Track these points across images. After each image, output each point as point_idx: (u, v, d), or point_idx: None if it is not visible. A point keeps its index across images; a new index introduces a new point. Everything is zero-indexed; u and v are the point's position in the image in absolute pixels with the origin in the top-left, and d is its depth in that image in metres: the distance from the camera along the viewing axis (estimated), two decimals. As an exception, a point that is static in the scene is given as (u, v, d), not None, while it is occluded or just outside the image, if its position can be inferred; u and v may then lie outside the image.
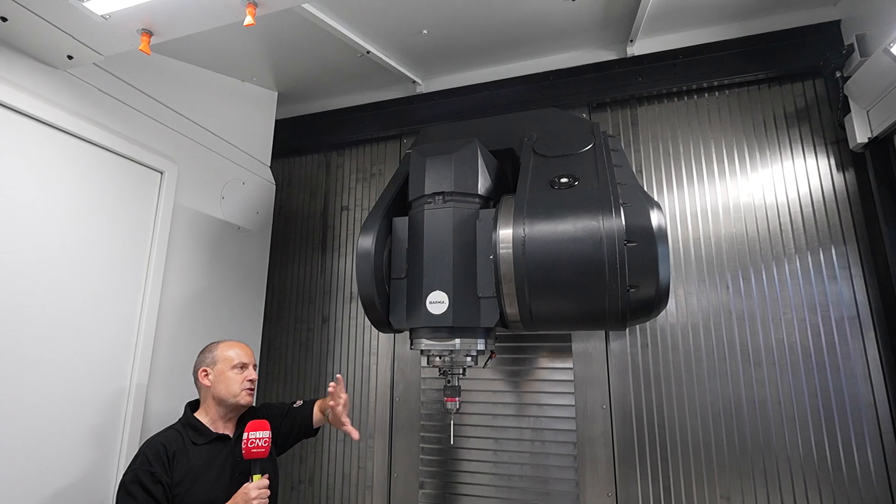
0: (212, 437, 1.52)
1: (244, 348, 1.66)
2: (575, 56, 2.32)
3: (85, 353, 1.54)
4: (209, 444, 1.51)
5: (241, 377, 1.59)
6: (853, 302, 1.82)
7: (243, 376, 1.59)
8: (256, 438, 1.43)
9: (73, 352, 1.51)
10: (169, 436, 1.49)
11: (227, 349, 1.62)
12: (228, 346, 1.64)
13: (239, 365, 1.60)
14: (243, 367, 1.61)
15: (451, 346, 1.48)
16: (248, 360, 1.63)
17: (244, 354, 1.63)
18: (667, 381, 1.97)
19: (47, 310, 1.44)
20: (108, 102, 1.63)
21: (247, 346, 1.68)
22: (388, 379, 2.35)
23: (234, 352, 1.62)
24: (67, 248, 1.50)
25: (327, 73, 2.38)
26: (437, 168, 1.58)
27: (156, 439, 1.47)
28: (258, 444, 1.43)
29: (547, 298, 1.38)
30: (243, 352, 1.64)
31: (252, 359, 1.66)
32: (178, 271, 1.85)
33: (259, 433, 1.44)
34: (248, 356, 1.64)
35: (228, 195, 2.12)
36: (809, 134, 2.00)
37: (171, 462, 1.43)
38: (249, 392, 1.60)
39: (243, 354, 1.63)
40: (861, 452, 1.72)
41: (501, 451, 2.07)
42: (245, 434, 1.43)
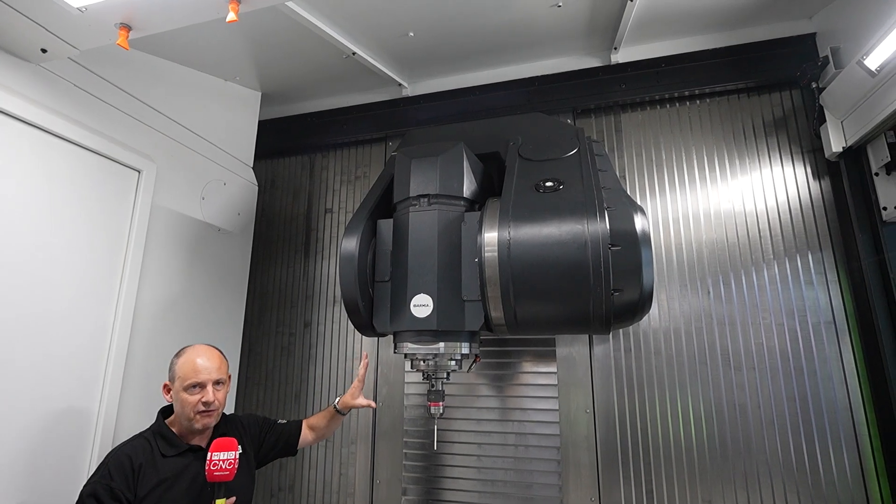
0: (183, 449, 1.41)
1: (206, 363, 1.44)
2: (560, 62, 2.34)
3: (54, 360, 1.47)
4: (180, 455, 1.40)
5: (195, 400, 1.39)
6: (829, 307, 1.86)
7: (197, 399, 1.40)
8: (220, 460, 1.30)
9: (42, 358, 1.44)
10: (137, 446, 1.37)
11: (187, 363, 1.42)
12: (190, 358, 1.43)
13: (192, 385, 1.40)
14: (199, 388, 1.41)
15: (435, 350, 1.47)
16: (205, 379, 1.41)
17: (202, 371, 1.42)
18: (649, 385, 1.98)
19: (14, 313, 1.37)
20: (84, 98, 1.58)
21: (212, 358, 1.46)
22: (370, 383, 2.31)
23: (192, 367, 1.41)
24: (38, 249, 1.44)
25: (312, 73, 2.35)
26: (423, 170, 1.57)
27: (122, 449, 1.36)
28: (221, 467, 1.30)
29: (532, 302, 1.38)
30: (204, 366, 1.43)
31: (215, 373, 1.44)
32: (156, 273, 1.79)
33: (223, 454, 1.31)
34: (207, 372, 1.42)
35: (209, 196, 2.07)
36: (787, 142, 2.05)
37: (136, 475, 1.31)
38: (205, 415, 1.41)
39: (201, 370, 1.41)
40: (837, 455, 1.75)
41: (485, 456, 2.06)
42: (209, 454, 1.32)
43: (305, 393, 2.42)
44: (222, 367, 1.49)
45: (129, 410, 1.68)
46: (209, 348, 1.50)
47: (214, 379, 1.44)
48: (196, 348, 1.47)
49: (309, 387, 2.42)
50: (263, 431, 1.66)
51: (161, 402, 1.49)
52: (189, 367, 1.41)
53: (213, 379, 1.44)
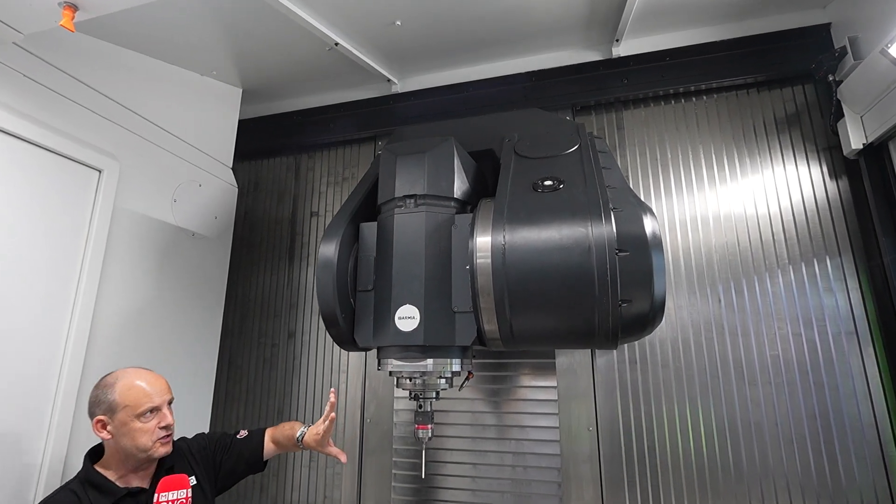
0: (120, 495, 1.22)
1: (153, 383, 1.30)
2: (558, 56, 2.21)
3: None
4: (118, 502, 1.21)
5: (153, 425, 1.25)
6: (850, 316, 1.72)
7: (155, 423, 1.25)
8: (169, 502, 1.18)
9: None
10: (60, 501, 1.17)
11: (129, 391, 1.24)
12: (130, 382, 1.26)
13: (147, 411, 1.25)
14: (154, 412, 1.27)
15: (422, 368, 1.32)
16: (159, 401, 1.28)
17: (153, 394, 1.27)
18: (656, 400, 1.84)
19: None
20: (35, 90, 1.44)
21: (157, 378, 1.32)
22: (358, 398, 2.17)
23: (139, 393, 1.25)
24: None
25: (295, 68, 2.21)
26: (409, 168, 1.43)
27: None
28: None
29: (529, 314, 1.24)
30: (152, 390, 1.28)
31: (165, 394, 1.31)
32: (119, 282, 1.64)
33: (173, 494, 1.19)
34: (159, 393, 1.29)
35: (182, 198, 1.92)
36: (801, 140, 1.92)
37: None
38: (165, 442, 1.28)
39: (152, 394, 1.27)
40: (863, 476, 1.61)
41: (480, 477, 1.91)
42: (155, 496, 1.18)
43: (289, 408, 2.27)
44: (169, 386, 1.35)
45: (82, 444, 1.47)
46: (146, 370, 1.34)
47: (168, 399, 1.33)
48: (132, 371, 1.31)
49: (293, 401, 2.27)
50: (218, 454, 1.48)
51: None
52: (138, 392, 1.25)
53: (167, 399, 1.32)
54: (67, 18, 1.11)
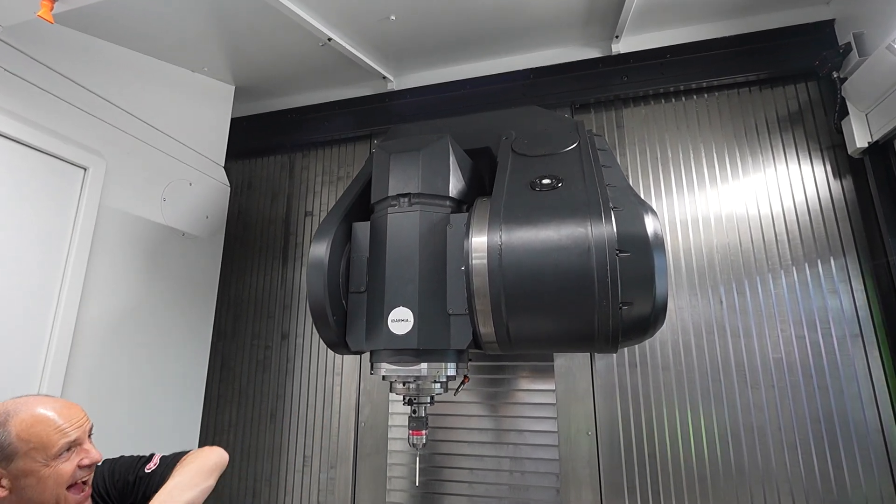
0: None
1: (65, 409, 1.01)
2: (557, 53, 2.17)
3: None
4: None
5: (72, 467, 0.97)
6: (855, 318, 1.69)
7: (76, 463, 0.98)
8: None
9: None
10: None
11: (37, 426, 0.95)
12: (36, 419, 0.95)
13: (66, 447, 0.97)
14: (72, 448, 0.99)
15: (416, 372, 1.28)
16: (79, 433, 1.00)
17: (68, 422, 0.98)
18: (657, 403, 1.80)
19: None
20: (17, 85, 1.39)
21: (70, 404, 1.03)
22: (352, 402, 2.12)
23: (52, 426, 0.96)
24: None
25: (288, 64, 2.17)
26: (403, 166, 1.38)
27: None
28: None
29: (527, 316, 1.20)
30: (67, 417, 0.99)
31: (85, 421, 1.04)
32: (105, 282, 1.59)
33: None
34: (78, 421, 1.01)
35: (171, 197, 1.87)
36: (804, 138, 1.88)
37: None
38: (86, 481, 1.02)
39: (67, 423, 0.98)
40: (869, 482, 1.57)
41: (477, 483, 1.87)
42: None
43: (282, 411, 2.22)
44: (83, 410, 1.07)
45: None
46: (49, 396, 1.07)
47: (87, 428, 1.05)
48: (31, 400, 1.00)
49: (286, 404, 2.23)
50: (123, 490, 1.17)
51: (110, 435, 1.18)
52: (48, 428, 0.96)
53: (87, 428, 1.05)
54: (46, 9, 1.07)
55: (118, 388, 1.55)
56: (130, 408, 1.63)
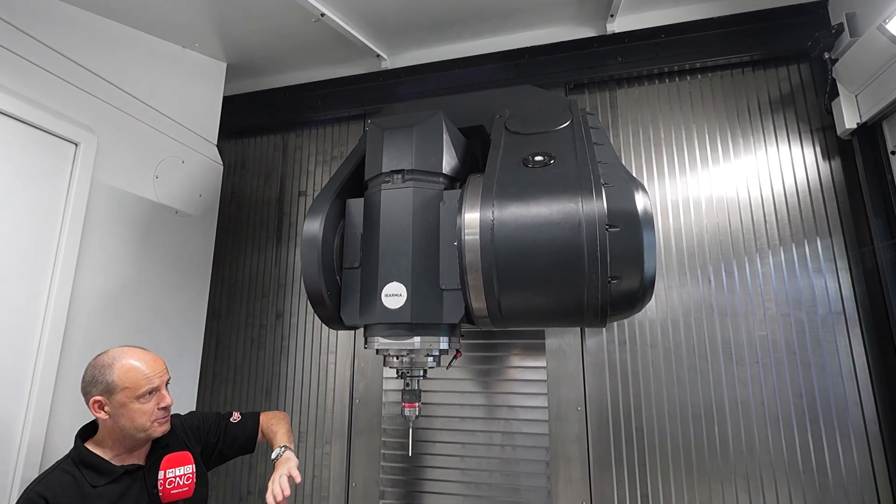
0: (118, 474, 1.22)
1: (151, 364, 1.27)
2: (551, 32, 2.16)
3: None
4: (114, 482, 1.20)
5: (151, 407, 1.24)
6: (839, 297, 1.73)
7: (153, 404, 1.25)
8: (176, 477, 1.20)
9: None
10: (53, 482, 1.15)
11: (129, 370, 1.23)
12: (128, 363, 1.24)
13: (147, 392, 1.24)
14: (153, 393, 1.25)
15: (409, 346, 1.30)
16: (158, 382, 1.27)
17: (152, 374, 1.26)
18: (645, 380, 1.84)
19: None
20: (6, 58, 1.37)
21: (154, 358, 1.30)
22: (347, 379, 2.15)
23: (138, 375, 1.23)
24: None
25: (282, 42, 2.14)
26: (397, 143, 1.39)
27: (34, 491, 1.14)
28: (179, 484, 1.20)
29: (518, 291, 1.22)
30: (151, 369, 1.26)
31: (163, 374, 1.30)
32: (98, 259, 1.59)
33: (179, 469, 1.21)
34: (158, 374, 1.27)
35: (164, 174, 1.87)
36: (795, 120, 1.90)
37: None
38: (163, 421, 1.28)
39: (151, 375, 1.25)
40: (847, 455, 1.62)
41: (469, 456, 1.91)
42: (161, 472, 1.19)
43: (277, 388, 2.25)
44: (166, 366, 1.34)
45: (63, 426, 1.44)
46: (143, 349, 1.32)
47: (166, 379, 1.32)
48: (130, 351, 1.28)
49: (281, 381, 2.25)
50: (211, 435, 1.48)
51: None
52: (137, 374, 1.24)
53: (166, 380, 1.31)
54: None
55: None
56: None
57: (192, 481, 1.23)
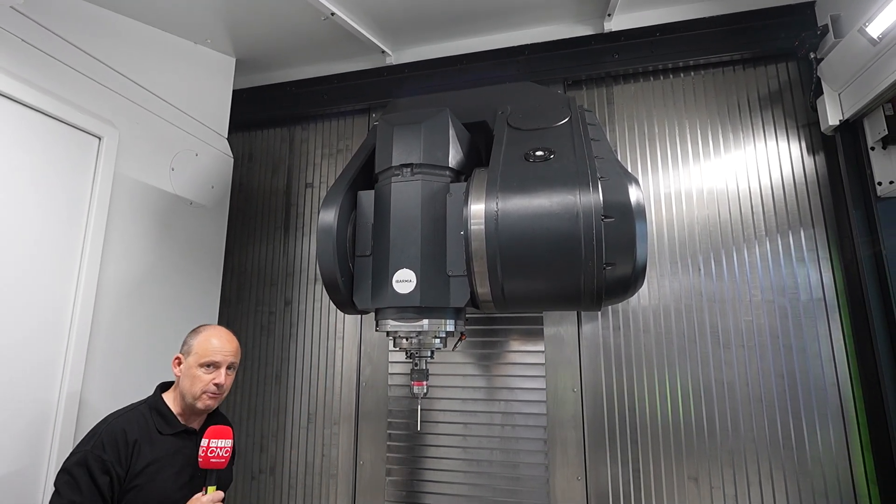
0: (179, 429, 1.37)
1: (226, 343, 1.43)
2: (550, 30, 2.24)
3: (8, 345, 1.35)
4: (175, 435, 1.36)
5: (207, 379, 1.37)
6: (820, 284, 1.83)
7: (210, 378, 1.38)
8: (217, 447, 1.30)
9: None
10: (132, 419, 1.32)
11: (206, 340, 1.41)
12: (209, 336, 1.42)
13: (208, 363, 1.38)
14: (213, 367, 1.39)
15: (418, 328, 1.40)
16: (221, 359, 1.40)
17: (220, 351, 1.40)
18: (637, 363, 1.95)
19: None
20: (35, 56, 1.44)
21: (231, 340, 1.46)
22: (353, 363, 2.25)
23: (211, 346, 1.39)
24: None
25: (290, 38, 2.21)
26: (406, 138, 1.47)
27: (117, 422, 1.30)
28: (218, 454, 1.30)
29: (520, 277, 1.31)
30: (222, 347, 1.41)
31: (231, 357, 1.43)
32: (121, 248, 1.68)
33: (221, 441, 1.31)
34: (225, 354, 1.41)
35: (179, 167, 1.95)
36: (782, 116, 1.99)
37: (131, 451, 1.26)
38: (212, 396, 1.38)
39: (219, 350, 1.40)
40: (824, 431, 1.74)
41: (471, 436, 2.02)
42: (205, 440, 1.30)
43: (286, 372, 2.35)
44: (237, 352, 1.48)
45: (93, 398, 1.57)
46: (229, 332, 1.49)
47: (230, 362, 1.43)
48: (216, 328, 1.47)
49: (290, 366, 2.35)
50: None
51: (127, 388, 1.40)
52: (207, 345, 1.40)
53: (229, 361, 1.42)
54: (70, -17, 1.12)
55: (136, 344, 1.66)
56: (147, 364, 1.74)
57: (229, 456, 1.32)
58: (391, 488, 2.05)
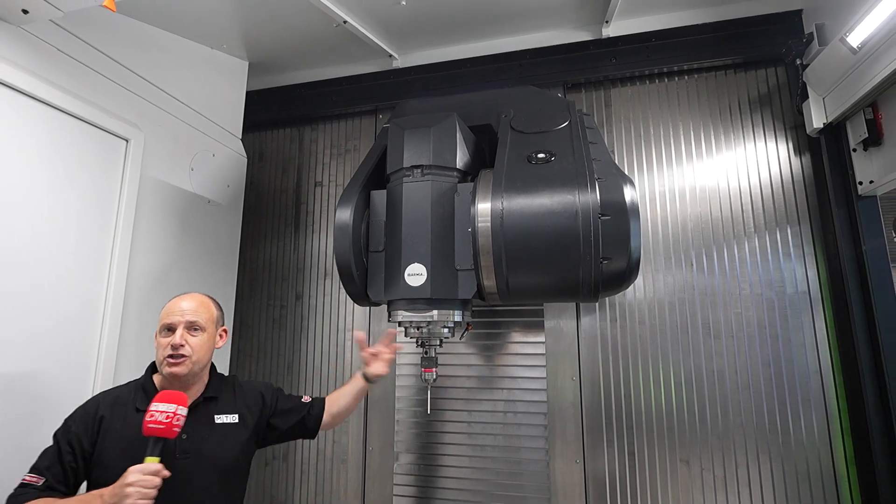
0: None
1: (182, 303, 1.31)
2: (551, 35, 2.33)
3: (47, 336, 1.44)
4: None
5: (166, 343, 1.27)
6: (805, 278, 1.94)
7: (167, 341, 1.27)
8: (157, 412, 1.12)
9: (34, 333, 1.42)
10: (116, 395, 1.29)
11: (165, 307, 1.32)
12: (169, 301, 1.34)
13: (165, 327, 1.29)
14: (169, 330, 1.28)
15: (428, 318, 1.50)
16: (176, 320, 1.28)
17: (175, 311, 1.29)
18: (633, 353, 2.05)
19: (4, 289, 1.34)
20: (68, 63, 1.54)
21: (191, 300, 1.34)
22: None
23: (166, 310, 1.30)
24: (27, 220, 1.41)
25: (301, 42, 2.31)
26: (416, 141, 1.58)
27: (99, 396, 1.29)
28: (157, 419, 1.11)
29: (523, 270, 1.42)
30: (176, 307, 1.30)
31: (189, 315, 1.30)
32: (146, 245, 1.78)
33: (163, 406, 1.13)
34: (181, 313, 1.29)
35: (198, 167, 2.05)
36: (770, 119, 2.10)
37: (97, 426, 1.21)
38: (173, 362, 1.26)
39: (174, 311, 1.29)
40: (807, 416, 1.85)
41: (475, 422, 2.13)
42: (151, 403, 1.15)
43: (298, 363, 2.45)
44: (201, 310, 1.34)
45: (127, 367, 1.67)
46: (196, 294, 1.39)
47: (187, 321, 1.30)
48: (185, 294, 1.38)
49: (301, 357, 2.46)
50: (276, 417, 1.49)
51: None
52: (166, 309, 1.31)
53: (186, 321, 1.29)
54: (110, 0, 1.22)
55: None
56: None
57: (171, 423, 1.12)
58: (400, 472, 2.16)
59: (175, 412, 1.13)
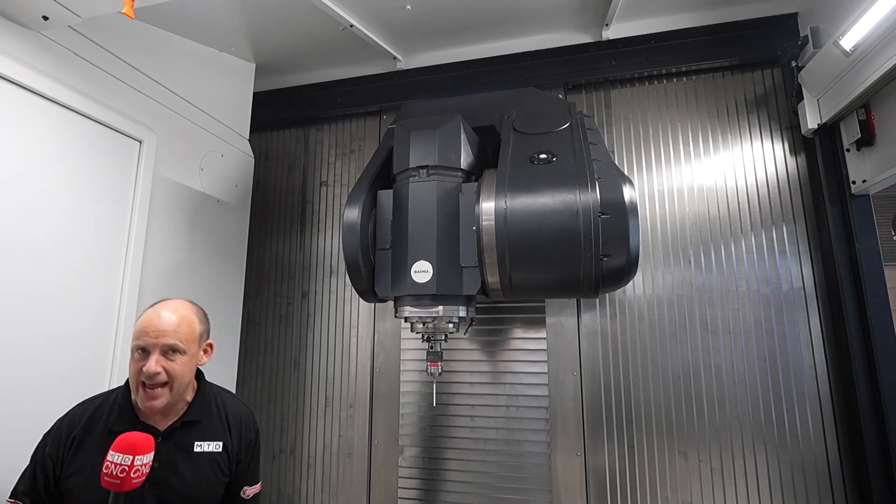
0: (134, 426, 1.10)
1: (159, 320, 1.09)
2: (552, 38, 2.38)
3: (60, 334, 1.47)
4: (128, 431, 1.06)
5: (137, 368, 1.08)
6: (800, 275, 1.99)
7: (139, 366, 1.07)
8: (112, 463, 0.94)
9: (51, 332, 1.45)
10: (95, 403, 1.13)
11: (140, 320, 1.11)
12: (145, 315, 1.12)
13: (137, 349, 1.09)
14: (142, 353, 1.08)
15: (434, 313, 1.56)
16: (150, 342, 1.07)
17: (148, 330, 1.08)
18: (633, 349, 2.10)
19: (23, 287, 1.38)
20: (84, 67, 1.59)
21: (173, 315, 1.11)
22: (368, 351, 2.41)
23: (139, 327, 1.10)
24: (45, 220, 1.46)
25: (307, 45, 2.36)
26: (422, 142, 1.62)
27: (77, 410, 1.13)
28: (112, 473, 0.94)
29: (526, 267, 1.47)
30: (152, 327, 1.08)
31: (168, 336, 1.09)
32: (159, 244, 1.83)
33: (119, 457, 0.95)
34: (157, 333, 1.08)
35: (207, 167, 2.10)
36: (767, 120, 2.15)
37: (68, 447, 1.08)
38: (149, 394, 1.07)
39: (148, 331, 1.08)
40: (801, 410, 1.91)
41: (478, 416, 2.18)
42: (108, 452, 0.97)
43: (304, 360, 2.50)
44: (182, 328, 1.12)
45: None
46: (180, 304, 1.17)
47: (162, 345, 1.09)
48: (163, 302, 1.15)
49: (308, 353, 2.51)
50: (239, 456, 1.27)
51: None
52: (140, 323, 1.10)
53: (161, 345, 1.09)
54: (129, 6, 1.27)
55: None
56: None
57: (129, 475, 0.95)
58: (404, 465, 2.22)
59: (131, 464, 0.95)
